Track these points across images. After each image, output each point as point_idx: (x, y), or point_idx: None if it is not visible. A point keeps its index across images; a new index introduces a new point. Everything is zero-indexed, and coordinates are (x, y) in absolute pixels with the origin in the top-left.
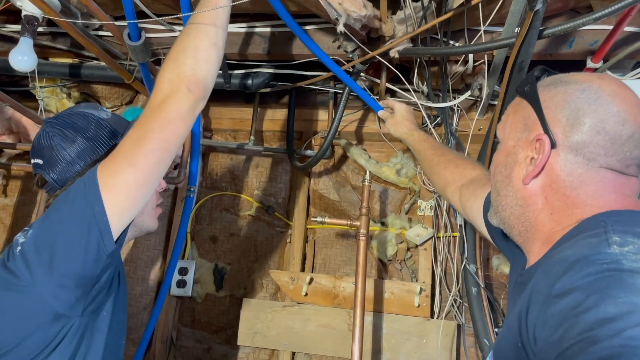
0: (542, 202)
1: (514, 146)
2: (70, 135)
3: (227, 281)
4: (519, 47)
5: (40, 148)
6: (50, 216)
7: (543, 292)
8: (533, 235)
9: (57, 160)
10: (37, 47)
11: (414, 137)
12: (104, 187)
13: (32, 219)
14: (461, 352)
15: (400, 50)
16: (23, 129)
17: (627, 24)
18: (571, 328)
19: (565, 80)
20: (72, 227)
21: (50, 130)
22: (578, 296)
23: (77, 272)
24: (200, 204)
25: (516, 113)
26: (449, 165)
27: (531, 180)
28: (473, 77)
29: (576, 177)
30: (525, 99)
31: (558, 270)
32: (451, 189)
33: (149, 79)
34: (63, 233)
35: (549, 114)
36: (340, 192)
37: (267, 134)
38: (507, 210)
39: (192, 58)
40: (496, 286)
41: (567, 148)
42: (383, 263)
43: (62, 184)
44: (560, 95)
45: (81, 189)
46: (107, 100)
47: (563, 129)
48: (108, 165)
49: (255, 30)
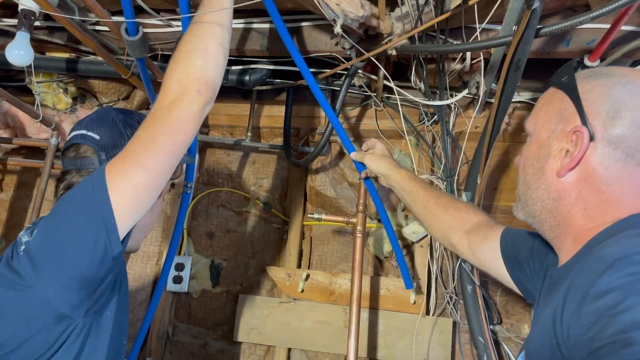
0: (576, 196)
1: (547, 138)
2: (136, 127)
3: (224, 277)
4: (516, 45)
5: (101, 126)
6: (56, 216)
7: (581, 289)
8: (565, 231)
9: (117, 146)
10: (34, 42)
11: (401, 174)
12: (112, 188)
13: (28, 213)
14: (456, 349)
15: (397, 47)
16: (19, 123)
17: (624, 23)
18: (605, 328)
19: (605, 72)
20: (80, 229)
21: (119, 115)
22: (616, 296)
23: (82, 274)
24: (197, 200)
25: (550, 104)
26: (448, 208)
27: (566, 173)
28: (470, 74)
29: (613, 172)
30: (561, 90)
31: (598, 268)
32: (457, 235)
33: (146, 74)
34: (70, 234)
35: (588, 106)
36: (337, 188)
37: (264, 130)
38: (538, 204)
39: (201, 60)
40: (491, 284)
41: (605, 141)
42: (379, 260)
43: (101, 164)
44: (601, 88)
45: (89, 190)
46: (104, 96)
47: (602, 121)
48: (116, 166)
49: (253, 27)
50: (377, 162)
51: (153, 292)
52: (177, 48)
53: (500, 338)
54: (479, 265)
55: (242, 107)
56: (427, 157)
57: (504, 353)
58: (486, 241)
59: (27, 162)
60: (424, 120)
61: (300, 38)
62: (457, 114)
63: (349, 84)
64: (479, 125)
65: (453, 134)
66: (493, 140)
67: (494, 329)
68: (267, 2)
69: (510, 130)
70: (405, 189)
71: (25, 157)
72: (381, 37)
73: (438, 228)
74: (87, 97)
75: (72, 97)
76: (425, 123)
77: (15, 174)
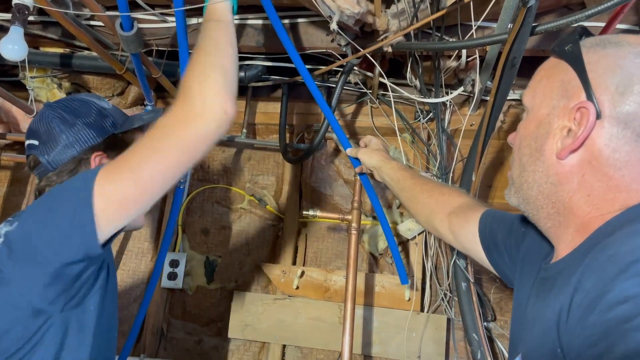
0: (578, 181)
1: (547, 114)
2: (69, 120)
3: (218, 274)
4: (511, 43)
5: (37, 129)
6: (38, 210)
7: (590, 294)
8: (566, 220)
9: (53, 142)
10: (28, 36)
11: (392, 164)
12: (99, 194)
13: (21, 209)
14: (450, 345)
15: (393, 44)
16: (13, 119)
17: (619, 21)
18: (616, 345)
19: (615, 41)
20: (58, 225)
21: (50, 113)
22: (630, 308)
23: (57, 270)
24: (191, 197)
25: (552, 77)
26: (433, 193)
27: (568, 155)
28: (466, 72)
29: (622, 154)
30: (564, 61)
31: (611, 270)
32: (439, 218)
33: (141, 69)
34: (48, 230)
35: (595, 78)
36: (332, 185)
37: (259, 127)
38: (535, 188)
39: (223, 78)
40: (485, 281)
41: (614, 120)
42: (374, 257)
43: (55, 166)
44: (610, 58)
45: (74, 189)
46: (98, 91)
47: (611, 97)
48: (111, 172)
49: (249, 22)
50: (369, 155)
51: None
52: (194, 60)
53: (494, 335)
54: (461, 248)
55: (237, 104)
56: (423, 154)
57: (498, 350)
58: (466, 223)
59: (21, 157)
60: (419, 117)
61: (296, 34)
62: (453, 112)
63: (344, 80)
64: (474, 122)
65: (448, 132)
66: (488, 138)
67: (488, 325)
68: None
69: (505, 128)
70: (394, 179)
71: (18, 153)
72: (377, 34)
73: (422, 214)
74: (81, 93)
75: (66, 92)
76: (420, 120)
77: (8, 170)
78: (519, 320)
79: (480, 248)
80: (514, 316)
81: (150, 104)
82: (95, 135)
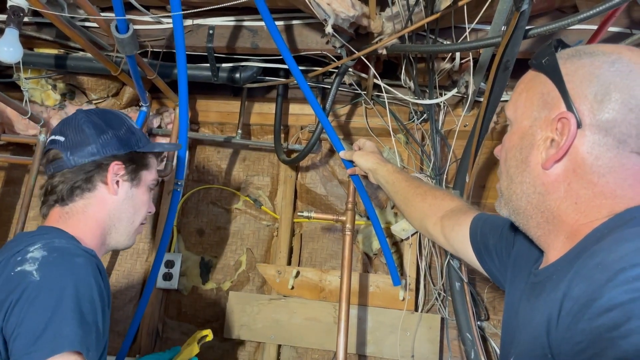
0: (565, 189)
1: (530, 126)
2: (102, 127)
3: (214, 274)
4: (505, 46)
5: (67, 128)
6: (46, 297)
7: (579, 301)
8: (556, 228)
9: (81, 142)
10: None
11: (387, 167)
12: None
13: (16, 210)
14: (444, 345)
15: (388, 47)
16: (7, 119)
17: (611, 24)
18: (603, 353)
19: (589, 51)
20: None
21: (84, 116)
22: (617, 316)
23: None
24: (186, 197)
25: (531, 89)
26: (426, 196)
27: (553, 165)
28: (459, 74)
29: (605, 161)
30: (542, 73)
31: (599, 278)
32: (431, 221)
33: (136, 71)
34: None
35: (573, 89)
36: (327, 186)
37: (254, 128)
38: (523, 199)
39: None
40: (479, 281)
41: (595, 128)
42: (369, 257)
43: (75, 164)
44: (586, 68)
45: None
46: (93, 92)
47: (590, 106)
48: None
49: (244, 24)
50: (364, 158)
51: (143, 289)
52: None
53: (487, 334)
54: (453, 251)
55: (233, 105)
56: (417, 155)
57: (491, 349)
58: (457, 227)
59: (16, 158)
60: (413, 118)
61: (291, 36)
62: (447, 113)
63: (339, 82)
64: (467, 124)
65: (442, 133)
66: (482, 138)
67: (481, 325)
68: (258, 0)
69: (498, 129)
70: (389, 182)
71: (13, 154)
72: (372, 36)
73: (415, 217)
74: (76, 94)
75: (60, 93)
76: (414, 121)
77: (3, 171)
78: (510, 323)
79: (471, 251)
80: (505, 319)
81: (145, 105)
82: (120, 147)
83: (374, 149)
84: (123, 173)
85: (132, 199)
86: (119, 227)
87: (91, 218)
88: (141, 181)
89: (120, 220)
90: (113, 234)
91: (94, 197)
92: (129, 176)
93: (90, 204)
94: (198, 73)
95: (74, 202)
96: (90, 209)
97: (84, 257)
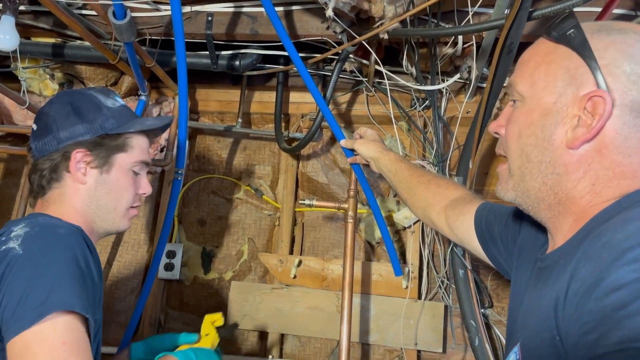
0: (584, 170)
1: (554, 103)
2: (65, 112)
3: (215, 264)
4: (508, 28)
5: (39, 116)
6: (26, 264)
7: (586, 281)
8: (566, 209)
9: (45, 131)
10: (19, 26)
11: (389, 156)
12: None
13: (15, 201)
14: (448, 332)
15: (389, 31)
16: (5, 110)
17: (615, 6)
18: (610, 333)
19: (618, 28)
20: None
21: (52, 102)
22: (624, 295)
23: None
24: (187, 187)
25: (552, 63)
26: (430, 185)
27: (581, 145)
28: (462, 59)
29: (634, 142)
30: (566, 46)
31: (606, 257)
32: (435, 211)
33: (135, 59)
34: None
35: (606, 66)
36: (328, 174)
37: (254, 116)
38: (539, 179)
39: None
40: (482, 268)
41: (627, 108)
42: (371, 245)
43: (40, 154)
44: (618, 45)
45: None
46: (91, 82)
47: (624, 85)
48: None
49: (243, 10)
50: (366, 146)
51: (144, 280)
52: None
53: (491, 322)
54: (457, 240)
55: (232, 93)
56: (419, 142)
57: (495, 336)
58: (462, 216)
59: (14, 149)
60: (415, 105)
61: (291, 22)
62: (449, 99)
63: (340, 68)
64: (470, 110)
65: (445, 119)
66: (485, 125)
67: (485, 312)
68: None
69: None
70: (392, 171)
71: (12, 145)
72: (373, 20)
73: (419, 206)
74: (74, 83)
75: (59, 83)
76: (417, 108)
77: (2, 162)
78: (516, 310)
79: (476, 240)
80: (511, 307)
81: (144, 94)
82: (86, 131)
83: (375, 137)
84: (90, 160)
85: (106, 185)
86: (100, 215)
87: (68, 206)
88: (114, 165)
89: (99, 207)
90: (97, 221)
91: (65, 187)
92: (97, 162)
93: (64, 193)
94: (197, 61)
95: (50, 191)
96: (66, 197)
97: (66, 229)
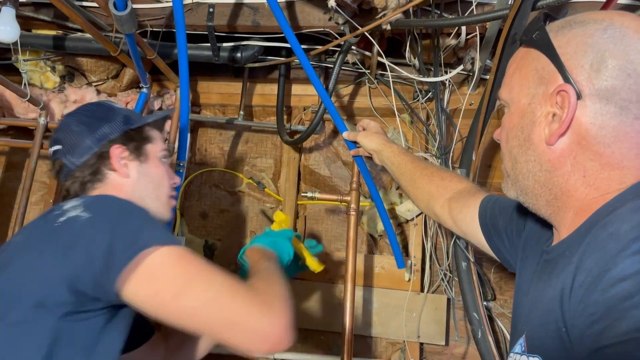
0: (571, 164)
1: (529, 104)
2: (85, 120)
3: (218, 257)
4: (512, 19)
5: (58, 135)
6: (102, 219)
7: (592, 272)
8: (565, 204)
9: (74, 142)
10: (20, 19)
11: (392, 148)
12: (149, 255)
13: (17, 195)
14: (451, 325)
15: (392, 22)
16: (6, 103)
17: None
18: (617, 323)
19: (579, 20)
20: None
21: (67, 118)
22: (631, 285)
23: (77, 286)
24: (189, 180)
25: (524, 67)
26: (433, 177)
27: (557, 140)
28: (465, 50)
29: (610, 130)
30: (534, 49)
31: (612, 247)
32: (438, 203)
33: (136, 51)
34: (100, 246)
35: (568, 60)
36: (331, 167)
37: (256, 109)
38: (530, 178)
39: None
40: (485, 261)
41: (595, 97)
42: (373, 238)
43: (78, 163)
44: (578, 38)
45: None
46: (92, 74)
47: (587, 75)
48: (168, 265)
49: (244, 2)
50: (369, 139)
51: None
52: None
53: (494, 314)
54: (460, 233)
55: (234, 86)
56: (422, 134)
57: (498, 329)
58: (466, 209)
59: (16, 142)
60: (418, 97)
61: (293, 13)
62: (452, 91)
63: (342, 60)
64: (473, 102)
65: (447, 111)
66: (488, 117)
67: (488, 305)
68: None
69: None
70: (395, 163)
71: (13, 138)
72: (375, 11)
73: (422, 199)
74: (75, 76)
75: (60, 75)
76: (419, 100)
77: (3, 155)
78: (522, 302)
79: (480, 233)
80: (517, 299)
81: (145, 87)
82: (112, 131)
83: (378, 129)
84: (127, 154)
85: (147, 175)
86: (145, 205)
87: None
88: (149, 155)
89: (143, 199)
90: None
91: (108, 185)
92: (134, 154)
93: (107, 190)
94: (198, 53)
95: (92, 191)
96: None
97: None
